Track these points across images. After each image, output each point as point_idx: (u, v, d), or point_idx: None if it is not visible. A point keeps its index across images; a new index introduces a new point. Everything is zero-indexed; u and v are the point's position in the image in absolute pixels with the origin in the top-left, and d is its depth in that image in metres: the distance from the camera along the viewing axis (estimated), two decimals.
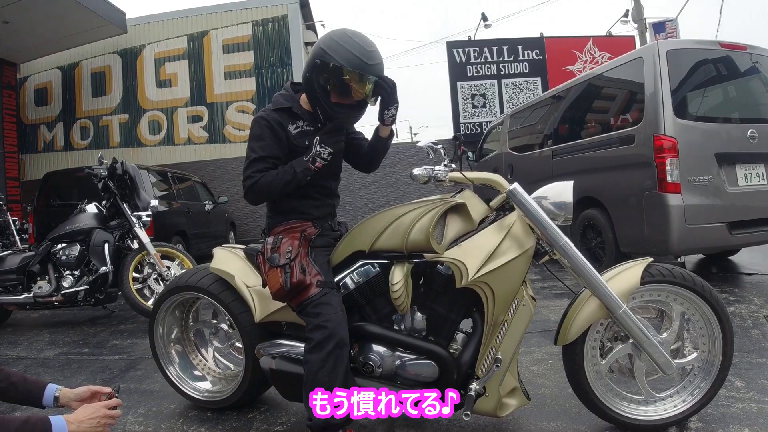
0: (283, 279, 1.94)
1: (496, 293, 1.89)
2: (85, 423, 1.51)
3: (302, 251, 2.02)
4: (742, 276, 4.95)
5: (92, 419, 1.52)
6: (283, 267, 1.96)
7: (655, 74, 4.32)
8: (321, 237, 2.13)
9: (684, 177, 4.13)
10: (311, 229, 2.12)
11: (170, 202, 7.82)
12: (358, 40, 1.97)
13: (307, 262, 2.00)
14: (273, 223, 2.17)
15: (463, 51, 12.65)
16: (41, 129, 13.74)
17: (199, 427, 2.37)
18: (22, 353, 3.88)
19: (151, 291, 4.63)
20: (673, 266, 2.05)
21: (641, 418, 2.06)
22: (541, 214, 1.90)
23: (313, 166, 2.03)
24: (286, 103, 2.13)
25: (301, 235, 2.07)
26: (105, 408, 1.57)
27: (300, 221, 2.13)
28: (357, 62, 1.93)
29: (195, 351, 2.76)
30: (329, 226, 2.21)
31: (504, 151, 7.24)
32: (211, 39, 12.97)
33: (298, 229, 2.10)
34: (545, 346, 3.18)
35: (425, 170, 2.00)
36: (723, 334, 2.01)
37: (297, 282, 1.93)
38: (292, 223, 2.12)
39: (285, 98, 2.16)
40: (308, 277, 1.95)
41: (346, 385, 1.90)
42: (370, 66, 1.95)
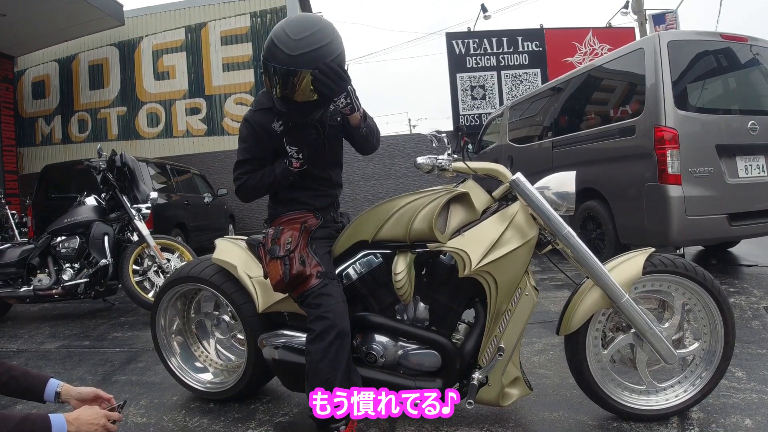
0: (283, 270, 1.94)
1: (499, 283, 1.89)
2: (84, 427, 1.49)
3: (302, 242, 2.01)
4: (742, 267, 4.95)
5: (92, 424, 1.50)
6: (282, 259, 1.95)
7: (656, 65, 4.31)
8: (322, 228, 2.13)
9: (684, 168, 4.12)
10: (312, 220, 2.11)
11: (169, 194, 7.81)
12: (287, 28, 1.80)
13: (306, 253, 1.99)
14: (275, 213, 2.18)
15: (463, 42, 12.60)
16: (39, 122, 13.68)
17: (201, 419, 2.38)
18: (22, 346, 3.88)
19: (151, 283, 4.62)
20: (675, 256, 2.05)
21: (643, 407, 2.07)
22: (544, 204, 1.90)
23: (291, 167, 2.03)
24: (267, 103, 2.08)
25: (302, 227, 2.06)
26: (106, 418, 1.55)
27: (302, 212, 2.12)
28: (278, 54, 1.79)
29: (197, 342, 2.76)
30: (331, 217, 2.20)
31: (504, 143, 7.23)
32: (209, 31, 12.90)
33: (299, 220, 2.09)
34: (546, 337, 3.19)
35: (429, 159, 2.00)
36: (725, 324, 2.02)
37: (296, 273, 1.93)
38: (294, 214, 2.12)
39: (266, 97, 2.09)
40: (308, 268, 1.95)
41: (348, 375, 1.91)
42: (292, 57, 1.77)
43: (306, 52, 1.77)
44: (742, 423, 2.00)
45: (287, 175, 2.05)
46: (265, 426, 2.27)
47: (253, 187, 2.11)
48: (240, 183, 2.12)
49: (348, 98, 1.88)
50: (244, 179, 2.11)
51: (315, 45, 1.78)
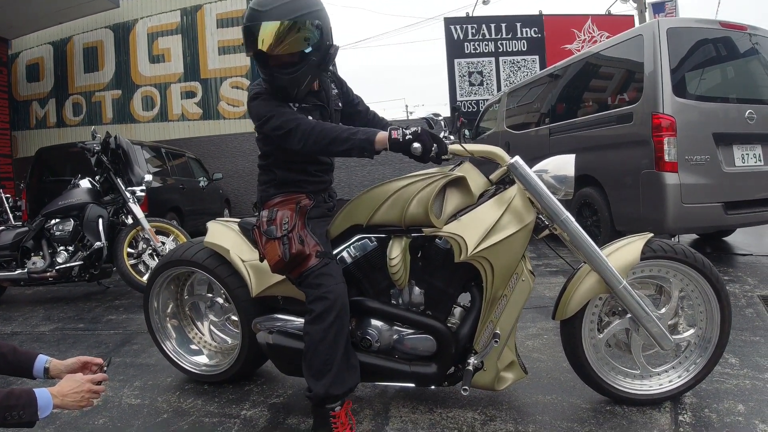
0: (282, 251, 1.91)
1: (496, 268, 1.88)
2: (69, 397, 1.49)
3: (299, 222, 1.99)
4: (737, 256, 4.97)
5: (76, 393, 1.50)
6: (281, 239, 1.93)
7: (654, 52, 4.28)
8: (315, 208, 2.10)
9: (681, 156, 4.11)
10: (306, 200, 2.07)
11: (164, 178, 7.77)
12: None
13: (305, 233, 1.97)
14: (266, 196, 2.11)
15: (461, 28, 12.52)
16: (33, 105, 13.55)
17: (195, 400, 2.38)
18: (17, 329, 3.88)
19: (145, 266, 4.61)
20: (674, 242, 2.05)
21: (636, 391, 2.08)
22: (542, 187, 1.88)
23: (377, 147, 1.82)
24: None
25: (297, 207, 2.03)
26: (90, 382, 1.55)
27: (294, 193, 2.08)
28: (249, 13, 1.86)
29: (191, 325, 2.76)
30: (322, 198, 2.17)
31: (501, 129, 7.21)
32: (204, 13, 12.75)
33: (292, 201, 2.05)
34: (540, 322, 3.20)
35: None
36: (721, 312, 2.03)
37: (296, 253, 1.90)
38: (286, 196, 2.07)
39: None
40: (307, 247, 1.92)
41: (348, 357, 1.90)
42: (261, 13, 1.83)
43: (276, 6, 1.82)
44: (734, 408, 2.02)
45: (364, 149, 1.83)
46: (260, 407, 2.27)
47: (314, 132, 1.86)
48: (291, 127, 1.87)
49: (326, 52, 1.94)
50: (294, 120, 1.88)
51: (284, 0, 1.83)
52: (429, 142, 1.78)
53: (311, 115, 2.01)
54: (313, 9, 1.87)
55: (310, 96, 2.04)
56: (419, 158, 1.80)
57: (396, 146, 1.79)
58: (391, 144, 1.80)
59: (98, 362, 1.70)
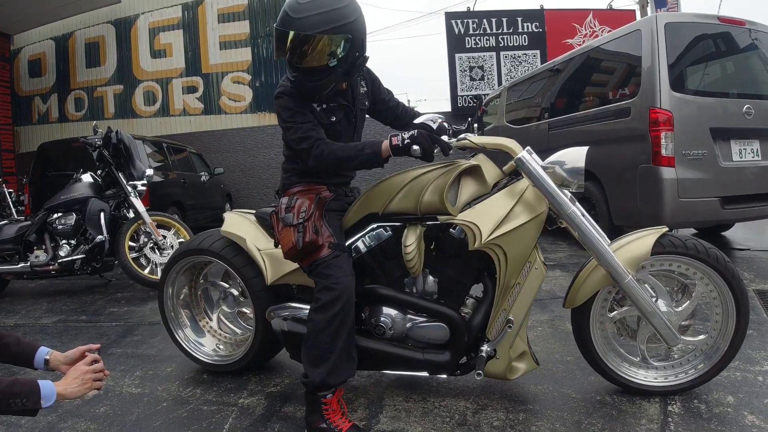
0: (296, 238, 1.94)
1: (509, 256, 1.90)
2: (72, 384, 1.53)
3: (317, 213, 2.02)
4: (735, 251, 4.99)
5: (76, 379, 1.55)
6: (296, 226, 1.96)
7: (652, 47, 4.29)
8: (335, 201, 2.13)
9: (678, 151, 4.13)
10: (326, 192, 2.11)
11: (166, 172, 7.80)
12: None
13: (320, 224, 2.00)
14: (288, 183, 2.16)
15: (462, 22, 12.48)
16: (36, 101, 13.57)
17: (194, 389, 2.43)
18: (20, 321, 3.93)
19: (147, 260, 4.66)
20: (687, 237, 2.01)
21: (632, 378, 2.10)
22: (548, 183, 1.88)
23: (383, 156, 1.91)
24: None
25: (317, 197, 2.07)
26: (85, 365, 1.60)
27: (315, 184, 2.12)
28: (282, 17, 1.85)
29: (203, 314, 2.79)
30: (343, 191, 2.22)
31: (501, 124, 7.22)
32: (206, 8, 12.74)
33: (313, 191, 2.09)
34: (535, 314, 3.24)
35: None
36: (737, 314, 1.98)
37: (309, 242, 1.93)
38: (307, 185, 2.11)
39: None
40: (321, 238, 1.96)
41: (348, 351, 1.93)
42: (293, 20, 1.83)
43: (308, 16, 1.81)
44: (724, 399, 2.04)
45: (373, 161, 1.92)
46: (257, 396, 2.32)
47: (324, 155, 1.93)
48: (315, 151, 1.94)
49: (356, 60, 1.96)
50: (308, 140, 1.94)
51: (318, 10, 1.82)
52: (426, 143, 1.82)
53: (335, 115, 2.06)
54: (346, 21, 1.85)
55: (336, 95, 2.07)
56: (422, 158, 1.85)
57: (398, 151, 1.86)
58: (393, 150, 1.87)
59: (95, 348, 1.74)
